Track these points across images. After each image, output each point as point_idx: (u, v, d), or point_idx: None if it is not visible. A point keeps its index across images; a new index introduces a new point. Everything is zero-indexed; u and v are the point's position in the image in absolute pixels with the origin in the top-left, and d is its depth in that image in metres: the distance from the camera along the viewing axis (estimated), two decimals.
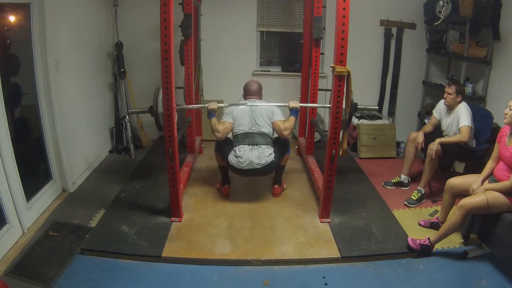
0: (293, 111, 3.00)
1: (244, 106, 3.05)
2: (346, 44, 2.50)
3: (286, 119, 3.05)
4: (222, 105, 3.04)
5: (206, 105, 3.02)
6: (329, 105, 2.70)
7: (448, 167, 3.47)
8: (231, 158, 3.03)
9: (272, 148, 3.04)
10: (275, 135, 3.13)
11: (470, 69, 3.81)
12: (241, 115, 3.05)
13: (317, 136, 4.19)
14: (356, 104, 2.83)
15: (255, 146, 2.99)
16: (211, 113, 3.02)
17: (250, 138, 3.00)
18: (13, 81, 2.76)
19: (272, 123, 3.06)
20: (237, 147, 3.01)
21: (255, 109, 3.04)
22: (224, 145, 3.12)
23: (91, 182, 3.60)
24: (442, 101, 3.33)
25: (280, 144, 3.13)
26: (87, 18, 3.70)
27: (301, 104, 3.07)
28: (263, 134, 3.03)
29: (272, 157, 3.01)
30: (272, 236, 2.75)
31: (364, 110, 2.83)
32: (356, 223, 2.92)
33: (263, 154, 2.97)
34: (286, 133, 3.01)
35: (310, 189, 3.49)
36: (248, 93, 3.18)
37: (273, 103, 3.11)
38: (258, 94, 3.18)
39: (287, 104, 3.00)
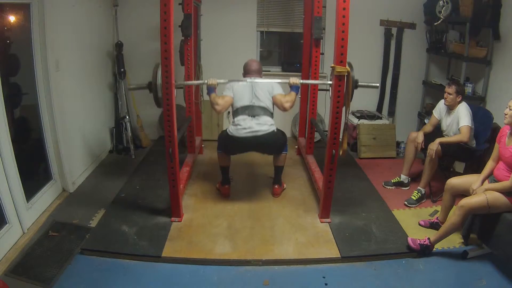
0: (293, 87, 2.97)
1: (244, 82, 3.01)
2: (346, 44, 2.50)
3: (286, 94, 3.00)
4: (222, 80, 2.96)
5: (206, 80, 2.96)
6: (330, 82, 2.65)
7: (448, 167, 3.48)
8: (230, 129, 2.99)
9: (273, 121, 3.02)
10: (276, 117, 3.07)
11: (470, 69, 3.81)
12: (242, 91, 3.02)
13: (317, 136, 4.19)
14: (357, 81, 2.73)
15: (256, 116, 2.96)
16: (210, 88, 2.97)
17: (250, 110, 2.98)
18: (13, 81, 2.76)
19: (272, 97, 3.02)
20: (236, 117, 2.99)
21: (255, 85, 3.01)
22: (227, 142, 3.09)
23: (91, 182, 3.60)
24: (442, 101, 3.33)
25: (277, 142, 3.10)
26: (87, 18, 3.70)
27: (302, 81, 3.03)
28: (264, 108, 3.00)
29: (274, 128, 2.98)
30: (272, 236, 2.75)
31: (365, 87, 2.73)
32: (356, 223, 2.92)
33: (264, 123, 2.95)
34: (287, 105, 2.96)
35: (310, 189, 3.49)
36: (248, 72, 3.15)
37: (273, 80, 3.07)
38: (258, 73, 3.15)
39: (287, 80, 2.96)
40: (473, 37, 3.69)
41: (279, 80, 3.06)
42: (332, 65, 2.58)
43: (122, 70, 4.14)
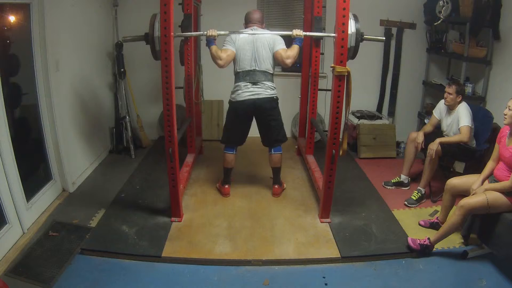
0: (296, 39, 2.91)
1: (246, 36, 2.94)
2: (346, 44, 2.50)
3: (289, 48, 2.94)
4: (222, 32, 2.83)
5: (205, 32, 2.82)
6: (335, 35, 2.58)
7: (448, 167, 3.47)
8: (232, 96, 2.99)
9: (274, 85, 3.01)
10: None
11: (470, 69, 3.81)
12: (243, 47, 2.94)
13: (317, 136, 4.19)
14: (362, 34, 2.64)
15: (257, 83, 2.95)
16: (210, 40, 2.86)
17: (251, 76, 2.95)
18: (13, 81, 2.76)
19: (274, 53, 2.96)
20: (237, 83, 2.98)
21: (256, 40, 2.94)
22: (233, 120, 3.07)
23: (91, 182, 3.60)
24: (442, 101, 3.33)
25: (274, 112, 3.07)
26: (87, 18, 3.70)
27: (305, 33, 2.95)
28: (265, 72, 2.97)
29: (275, 94, 2.99)
30: (272, 236, 2.75)
31: (371, 40, 2.69)
32: (356, 223, 2.92)
33: (266, 87, 2.95)
34: (288, 61, 2.90)
35: (310, 189, 3.49)
36: (250, 20, 3.05)
37: (275, 32, 2.99)
38: (260, 22, 3.06)
39: (290, 32, 2.87)
40: (473, 37, 3.69)
41: (282, 33, 2.97)
42: (332, 65, 2.58)
43: (122, 70, 4.13)
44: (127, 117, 4.22)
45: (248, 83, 2.95)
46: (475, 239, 2.66)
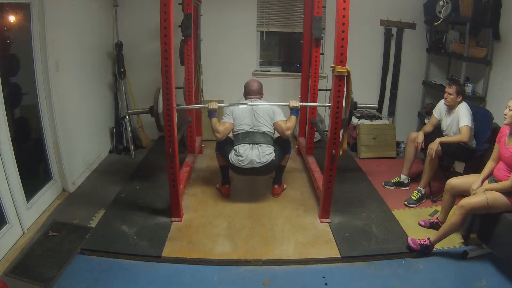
0: (293, 110, 3.00)
1: (245, 106, 3.05)
2: (346, 44, 2.50)
3: (287, 119, 3.04)
4: (222, 105, 3.04)
5: (207, 105, 3.01)
6: (329, 104, 2.69)
7: (448, 167, 3.47)
8: (232, 157, 3.02)
9: (273, 147, 3.04)
10: (276, 134, 3.12)
11: (470, 69, 3.81)
12: (242, 115, 3.05)
13: (317, 136, 4.19)
14: (356, 103, 2.82)
15: (256, 145, 2.99)
16: (211, 113, 3.02)
17: (250, 137, 3.00)
18: (13, 81, 2.76)
19: (274, 123, 3.05)
20: (237, 146, 3.01)
21: (256, 109, 3.04)
22: (225, 145, 3.11)
23: (91, 182, 3.60)
24: (442, 101, 3.33)
25: (281, 144, 3.13)
26: (87, 18, 3.70)
27: (301, 104, 3.07)
28: (264, 133, 3.03)
29: (272, 156, 3.01)
30: (272, 236, 2.75)
31: (363, 109, 2.84)
32: (356, 223, 2.92)
33: (263, 153, 2.97)
34: (288, 133, 3.01)
35: (310, 189, 3.49)
36: (248, 92, 3.17)
37: (273, 103, 3.10)
38: (259, 94, 3.18)
39: (287, 103, 3.00)
40: (473, 37, 3.69)
41: (279, 103, 3.10)
42: (332, 65, 2.58)
43: (122, 70, 4.14)
44: (127, 117, 4.22)
45: (247, 145, 2.98)
46: (475, 239, 2.66)
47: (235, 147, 3.03)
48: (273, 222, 2.93)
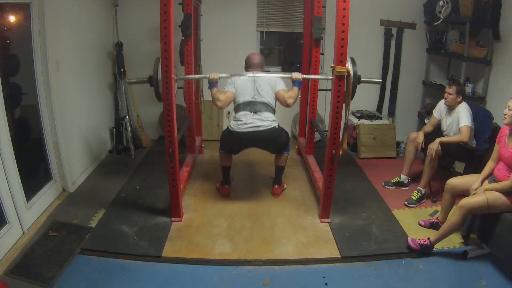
0: (296, 82, 2.94)
1: (247, 77, 2.98)
2: (346, 44, 2.50)
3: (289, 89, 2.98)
4: (223, 75, 2.90)
5: (207, 75, 2.89)
6: (332, 77, 2.62)
7: (448, 167, 3.47)
8: (231, 124, 2.97)
9: (275, 117, 2.99)
10: (278, 108, 3.06)
11: (470, 69, 3.81)
12: (244, 85, 2.99)
13: (317, 136, 4.19)
14: (359, 77, 2.67)
15: (257, 113, 2.94)
16: (212, 83, 2.91)
17: (251, 106, 2.96)
18: (13, 81, 2.76)
19: (275, 93, 2.99)
20: (237, 113, 2.97)
21: (257, 80, 2.99)
22: (230, 143, 3.08)
23: (91, 182, 3.60)
24: (442, 101, 3.33)
25: (279, 142, 3.09)
26: (87, 18, 3.70)
27: (304, 76, 2.99)
28: (265, 104, 2.98)
29: (275, 124, 2.96)
30: (272, 236, 2.75)
31: (368, 82, 2.71)
32: (356, 223, 2.92)
33: (266, 119, 2.93)
34: (290, 101, 2.93)
35: (310, 189, 3.49)
36: (250, 65, 3.11)
37: (275, 74, 3.02)
38: (261, 67, 3.11)
39: (289, 75, 2.92)
40: (473, 37, 3.69)
41: (281, 75, 3.01)
42: (332, 65, 2.58)
43: (122, 70, 4.14)
44: (127, 117, 4.22)
45: (248, 112, 2.95)
46: (475, 239, 2.66)
47: (235, 115, 2.99)
48: (273, 222, 2.93)
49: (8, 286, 2.03)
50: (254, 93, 2.98)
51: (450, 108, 3.25)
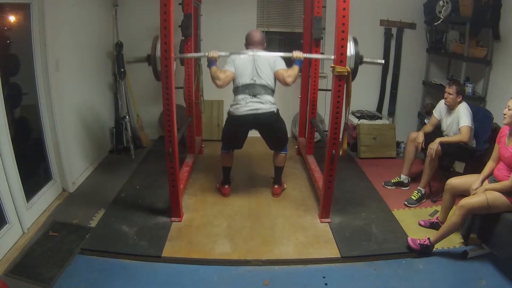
0: (296, 61, 2.90)
1: (246, 56, 2.94)
2: (346, 44, 2.50)
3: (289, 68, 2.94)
4: (223, 53, 2.85)
5: (206, 53, 2.84)
6: (333, 57, 2.59)
7: (448, 167, 3.47)
8: (231, 109, 2.96)
9: (274, 100, 2.98)
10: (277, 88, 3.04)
11: (470, 69, 3.81)
12: (243, 65, 2.95)
13: (317, 136, 4.19)
14: (362, 57, 2.65)
15: (257, 96, 2.92)
16: (211, 61, 2.87)
17: (250, 89, 2.92)
18: (13, 81, 2.76)
19: (275, 72, 2.95)
20: (237, 96, 2.95)
21: (257, 60, 2.94)
22: (231, 129, 3.07)
23: (91, 182, 3.60)
24: (442, 101, 3.33)
25: (276, 129, 3.07)
26: (87, 18, 3.70)
27: (305, 55, 2.95)
28: (265, 86, 2.94)
29: (274, 108, 2.94)
30: (272, 236, 2.75)
31: (370, 63, 2.68)
32: (356, 223, 2.92)
33: (265, 102, 2.91)
34: (289, 80, 2.88)
35: (310, 189, 3.49)
36: (250, 43, 3.06)
37: (276, 53, 2.98)
38: (261, 44, 3.06)
39: (291, 54, 2.87)
40: (473, 37, 3.69)
41: (282, 54, 2.98)
42: (332, 65, 2.58)
43: (122, 70, 4.14)
44: (127, 117, 4.22)
45: (247, 96, 2.92)
46: (475, 239, 2.66)
47: (235, 98, 2.97)
48: (273, 222, 2.92)
49: (8, 286, 2.03)
50: (253, 74, 2.93)
51: (450, 108, 3.25)
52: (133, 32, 4.31)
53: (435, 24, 3.97)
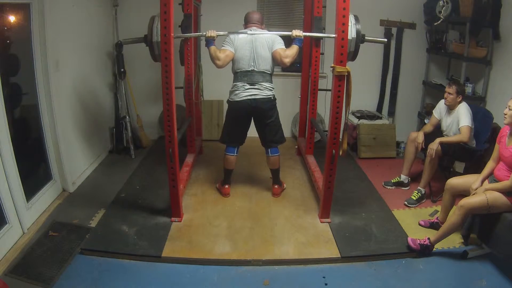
0: (296, 40, 2.89)
1: (245, 36, 2.92)
2: (346, 44, 2.50)
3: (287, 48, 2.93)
4: (221, 33, 2.83)
5: (205, 33, 2.83)
6: (335, 35, 2.58)
7: (448, 167, 3.47)
8: (230, 95, 2.99)
9: (272, 85, 3.00)
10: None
11: (470, 69, 3.81)
12: (242, 47, 2.93)
13: (317, 136, 4.19)
14: (363, 35, 2.64)
15: (255, 84, 2.94)
16: (209, 41, 2.86)
17: (249, 76, 2.94)
18: (13, 81, 2.76)
19: (272, 52, 2.93)
20: (235, 83, 2.98)
21: (255, 40, 2.92)
22: (232, 115, 3.09)
23: (91, 182, 3.60)
24: (442, 101, 3.33)
25: (270, 116, 3.06)
26: (87, 18, 3.70)
27: (305, 33, 2.93)
28: (263, 73, 2.95)
29: (271, 94, 2.98)
30: (272, 236, 2.75)
31: (372, 41, 2.67)
32: (356, 223, 2.92)
33: (264, 88, 2.93)
34: (286, 60, 2.87)
35: (310, 189, 3.49)
36: (249, 21, 3.03)
37: (275, 32, 2.97)
38: (260, 23, 3.05)
39: (290, 32, 2.86)
40: (473, 37, 3.68)
41: (281, 32, 2.95)
42: (332, 65, 2.58)
43: (122, 70, 4.13)
44: (127, 117, 4.22)
45: (245, 83, 2.94)
46: (475, 239, 2.66)
47: (233, 85, 3.00)
48: (273, 222, 2.92)
49: (8, 286, 2.03)
50: (251, 61, 2.91)
51: (450, 108, 3.25)
52: (133, 32, 4.24)
53: (435, 24, 3.96)
